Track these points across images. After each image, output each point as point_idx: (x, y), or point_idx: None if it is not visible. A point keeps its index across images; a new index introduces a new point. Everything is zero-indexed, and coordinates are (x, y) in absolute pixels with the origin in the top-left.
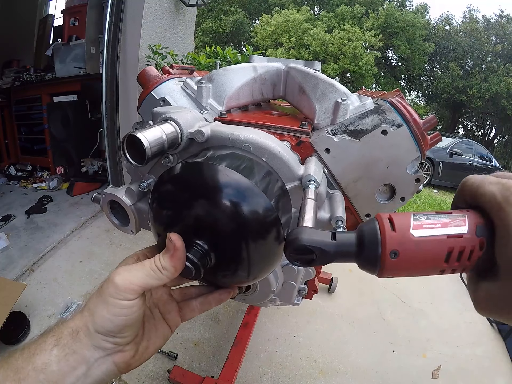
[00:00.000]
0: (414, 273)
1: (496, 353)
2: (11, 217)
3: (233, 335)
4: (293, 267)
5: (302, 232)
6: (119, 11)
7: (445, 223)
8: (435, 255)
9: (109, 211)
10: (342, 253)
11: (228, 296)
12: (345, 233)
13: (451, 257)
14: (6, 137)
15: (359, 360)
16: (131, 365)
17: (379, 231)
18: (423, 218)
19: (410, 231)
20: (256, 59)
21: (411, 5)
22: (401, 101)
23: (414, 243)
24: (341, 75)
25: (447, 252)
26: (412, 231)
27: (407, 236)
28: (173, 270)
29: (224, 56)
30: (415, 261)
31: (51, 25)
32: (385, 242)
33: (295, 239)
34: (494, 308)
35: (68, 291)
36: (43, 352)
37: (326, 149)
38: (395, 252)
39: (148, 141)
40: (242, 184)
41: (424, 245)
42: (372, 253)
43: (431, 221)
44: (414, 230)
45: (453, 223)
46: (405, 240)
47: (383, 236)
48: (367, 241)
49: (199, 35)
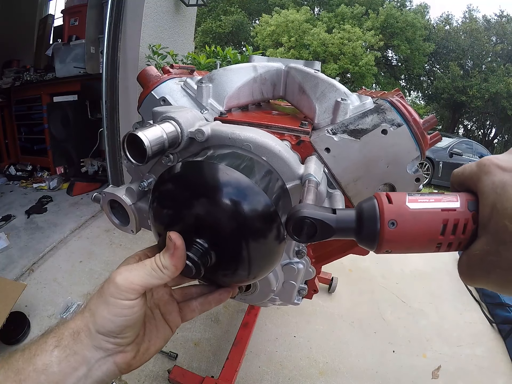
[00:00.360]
0: (411, 246)
1: (496, 353)
2: (11, 217)
3: (233, 335)
4: (293, 266)
5: (304, 206)
6: (119, 11)
7: (438, 198)
8: (431, 226)
9: (109, 210)
10: (342, 228)
11: (228, 296)
12: (345, 209)
13: (446, 230)
14: (6, 137)
15: (359, 360)
16: (132, 366)
17: (377, 205)
18: (418, 195)
19: (406, 203)
20: (256, 59)
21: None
22: (401, 100)
23: (410, 214)
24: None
25: (442, 224)
26: (408, 204)
27: (404, 208)
28: (173, 269)
29: (224, 56)
30: (412, 233)
31: (51, 25)
32: (383, 212)
33: (297, 212)
34: (473, 270)
35: (68, 291)
36: (44, 353)
37: (326, 149)
38: (393, 222)
39: (148, 140)
40: (242, 182)
41: (420, 216)
42: (371, 226)
43: (425, 197)
44: (409, 203)
45: (445, 198)
46: (402, 211)
47: (381, 207)
48: (366, 215)
49: (199, 35)
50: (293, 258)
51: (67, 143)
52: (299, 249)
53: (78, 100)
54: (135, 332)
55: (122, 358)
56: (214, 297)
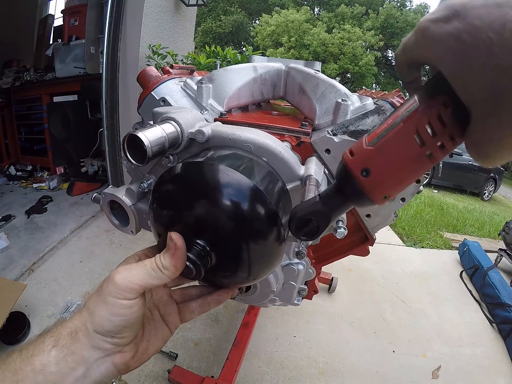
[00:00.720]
0: (402, 177)
1: (496, 353)
2: (11, 217)
3: (233, 335)
4: (294, 267)
5: (296, 208)
6: (119, 11)
7: (395, 115)
8: (403, 147)
9: (109, 211)
10: (332, 204)
11: (227, 297)
12: (327, 188)
13: (423, 137)
14: (6, 137)
15: (359, 360)
16: (130, 366)
17: (344, 163)
18: (375, 128)
19: (365, 145)
20: (256, 59)
21: (411, 5)
22: (402, 101)
23: (375, 151)
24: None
25: (414, 135)
26: (367, 144)
27: (366, 150)
28: (173, 269)
29: (224, 56)
30: (389, 166)
31: (51, 25)
32: (350, 168)
33: (292, 217)
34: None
35: (68, 291)
36: (41, 353)
37: (326, 150)
38: (364, 170)
39: (148, 141)
40: (243, 183)
41: (385, 146)
42: (350, 186)
43: (383, 124)
44: (368, 142)
45: (403, 108)
46: (365, 155)
47: (346, 165)
48: (340, 178)
49: (199, 35)
50: (293, 259)
51: (67, 143)
52: (299, 250)
53: (78, 100)
54: (133, 332)
55: (120, 359)
56: (213, 298)
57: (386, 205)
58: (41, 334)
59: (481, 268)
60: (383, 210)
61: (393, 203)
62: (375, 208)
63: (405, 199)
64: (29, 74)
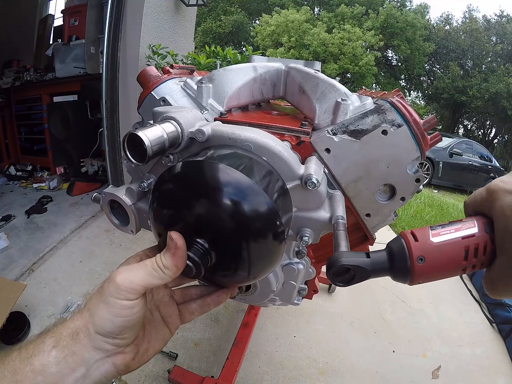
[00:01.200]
0: (440, 274)
1: (496, 353)
2: (11, 217)
3: (233, 335)
4: (293, 267)
5: (341, 255)
6: (119, 11)
7: (458, 228)
8: (455, 255)
9: (109, 211)
10: (377, 269)
11: (226, 297)
12: (376, 252)
13: (468, 255)
14: (6, 137)
15: (359, 360)
16: (131, 367)
17: (405, 244)
18: (439, 228)
19: (430, 239)
20: (256, 59)
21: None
22: (401, 101)
23: (435, 248)
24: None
25: (464, 250)
26: (432, 239)
27: (429, 243)
28: (174, 269)
29: (224, 56)
30: (439, 263)
31: (51, 25)
32: (411, 251)
33: (335, 261)
34: (496, 284)
35: (68, 291)
36: (41, 353)
37: (326, 149)
38: (421, 258)
39: (149, 140)
40: (243, 182)
41: (444, 247)
42: (402, 263)
43: (446, 229)
44: (433, 237)
45: (464, 226)
46: (427, 247)
47: (409, 247)
48: (396, 254)
49: (199, 35)
50: (293, 258)
51: (67, 143)
52: (299, 249)
53: (78, 100)
54: (134, 333)
55: (121, 359)
56: (212, 299)
57: (385, 204)
58: (40, 334)
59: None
60: (383, 209)
61: (393, 202)
62: (375, 208)
63: (405, 199)
64: (29, 74)
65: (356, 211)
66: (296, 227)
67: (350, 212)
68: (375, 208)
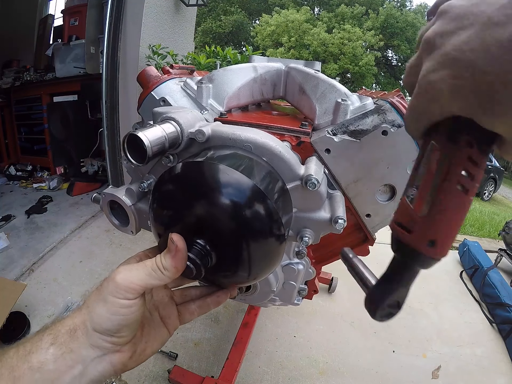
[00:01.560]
0: (458, 225)
1: (496, 353)
2: (11, 217)
3: (233, 335)
4: (294, 267)
5: (377, 297)
6: (119, 11)
7: (430, 172)
8: (453, 201)
9: (109, 211)
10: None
11: (226, 297)
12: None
13: (465, 185)
14: (6, 137)
15: (359, 360)
16: (128, 366)
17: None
18: (416, 193)
19: (418, 216)
20: (256, 59)
21: (411, 5)
22: (402, 101)
23: (431, 219)
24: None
25: (458, 185)
26: (419, 215)
27: (421, 222)
28: (174, 270)
29: (224, 56)
30: (449, 223)
31: (51, 25)
32: (415, 246)
33: (376, 308)
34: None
35: (68, 291)
36: (39, 350)
37: (326, 150)
38: (431, 242)
39: (149, 140)
40: (243, 183)
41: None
42: (421, 260)
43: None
44: (419, 212)
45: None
46: (424, 227)
47: (409, 245)
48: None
49: (199, 35)
50: (293, 258)
51: (67, 143)
52: (299, 250)
53: (78, 100)
54: (132, 332)
55: (118, 358)
56: (212, 300)
57: (386, 204)
58: (38, 331)
59: (481, 268)
60: (383, 209)
61: (393, 202)
62: (375, 208)
63: None
64: (29, 74)
65: (356, 212)
66: (296, 228)
67: (350, 213)
68: (375, 208)
